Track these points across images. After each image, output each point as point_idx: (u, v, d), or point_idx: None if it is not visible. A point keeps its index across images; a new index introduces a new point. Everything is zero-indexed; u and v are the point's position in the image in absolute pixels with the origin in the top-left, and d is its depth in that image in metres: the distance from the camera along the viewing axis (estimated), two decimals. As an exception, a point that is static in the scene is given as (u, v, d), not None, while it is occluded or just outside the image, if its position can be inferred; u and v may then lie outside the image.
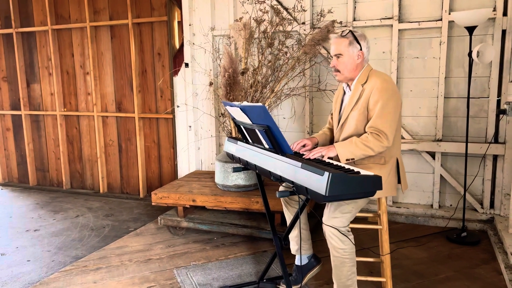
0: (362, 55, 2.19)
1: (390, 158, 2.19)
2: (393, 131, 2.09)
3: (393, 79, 3.55)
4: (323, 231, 2.10)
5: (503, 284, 2.55)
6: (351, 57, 2.18)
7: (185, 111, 4.21)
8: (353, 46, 2.18)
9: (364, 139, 2.08)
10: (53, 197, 4.77)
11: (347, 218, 2.08)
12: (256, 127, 2.05)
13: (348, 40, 2.18)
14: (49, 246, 3.35)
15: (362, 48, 2.19)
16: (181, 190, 3.42)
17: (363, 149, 2.07)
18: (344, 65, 2.20)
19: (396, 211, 3.68)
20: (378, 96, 2.09)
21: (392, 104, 2.09)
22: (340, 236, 2.03)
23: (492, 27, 3.27)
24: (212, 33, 4.04)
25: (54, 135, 5.11)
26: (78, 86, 4.88)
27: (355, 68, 2.20)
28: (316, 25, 3.70)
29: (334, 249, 2.06)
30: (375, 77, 2.15)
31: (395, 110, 2.11)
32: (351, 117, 2.20)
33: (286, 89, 3.74)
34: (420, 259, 2.93)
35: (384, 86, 2.10)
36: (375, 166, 2.16)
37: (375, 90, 2.10)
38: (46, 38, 4.92)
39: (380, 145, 2.07)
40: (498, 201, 3.43)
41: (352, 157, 2.08)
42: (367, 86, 2.15)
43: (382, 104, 2.08)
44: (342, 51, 2.19)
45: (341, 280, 2.12)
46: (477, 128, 3.44)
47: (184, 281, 2.66)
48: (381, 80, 2.12)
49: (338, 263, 2.09)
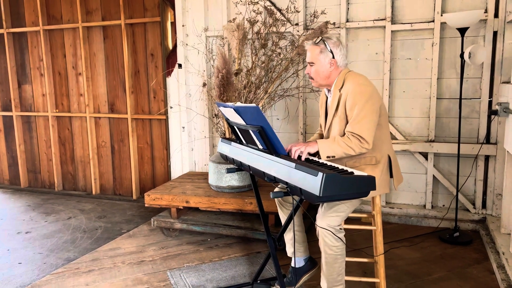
0: (335, 63, 2.20)
1: (382, 157, 2.21)
2: (371, 134, 2.09)
3: (385, 80, 3.58)
4: (316, 230, 2.11)
5: (495, 284, 2.57)
6: (322, 65, 2.20)
7: (178, 112, 4.20)
8: (325, 55, 2.19)
9: (346, 139, 2.10)
10: (45, 199, 4.73)
11: (342, 217, 2.10)
12: (250, 128, 2.04)
13: (319, 48, 2.19)
14: (41, 249, 3.31)
15: (335, 56, 2.19)
16: (175, 192, 3.41)
17: (345, 148, 2.08)
18: (317, 73, 2.23)
19: (389, 212, 3.70)
20: (352, 100, 2.10)
21: (368, 107, 2.09)
22: (334, 234, 2.05)
23: (484, 29, 3.30)
24: (206, 34, 4.03)
25: (46, 136, 5.07)
26: (70, 87, 4.84)
27: (328, 76, 2.22)
28: (310, 26, 3.71)
29: (327, 247, 2.07)
30: (350, 81, 2.16)
31: (372, 113, 2.10)
32: (334, 123, 2.22)
33: (280, 90, 3.74)
34: (413, 259, 2.94)
35: (357, 89, 2.11)
36: (367, 167, 2.18)
37: (350, 95, 2.11)
38: (37, 38, 4.88)
39: (361, 146, 2.08)
40: (490, 201, 3.46)
41: (333, 155, 2.09)
42: (343, 91, 2.16)
43: (358, 108, 2.09)
44: (314, 59, 2.22)
45: (332, 276, 2.13)
46: (469, 129, 3.47)
47: (178, 282, 2.65)
48: (355, 84, 2.13)
49: (331, 260, 2.10)
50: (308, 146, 2.09)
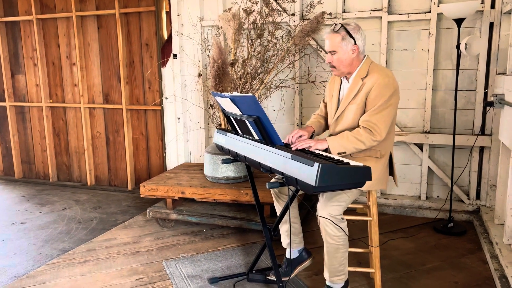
0: (357, 49, 2.14)
1: (386, 152, 2.21)
2: (387, 127, 2.09)
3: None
4: (317, 220, 2.11)
5: (488, 274, 2.60)
6: (345, 52, 2.14)
7: (173, 103, 4.17)
8: (347, 41, 2.13)
9: (356, 133, 2.08)
10: (40, 190, 4.71)
11: (343, 206, 2.10)
12: (246, 118, 2.03)
13: (340, 35, 2.12)
14: (36, 239, 3.30)
15: (357, 42, 2.13)
16: (170, 182, 3.40)
17: (355, 142, 2.07)
18: (340, 61, 2.16)
19: (384, 203, 3.71)
20: (379, 91, 2.07)
21: (392, 101, 2.09)
22: (335, 223, 2.05)
23: (480, 20, 3.30)
24: (201, 24, 4.00)
25: (40, 127, 5.03)
26: (64, 77, 4.80)
27: (350, 63, 2.16)
28: (306, 16, 3.69)
29: (329, 236, 2.08)
30: (377, 72, 2.12)
31: (393, 107, 2.10)
32: (349, 110, 2.18)
33: (276, 81, 3.73)
34: (407, 250, 2.96)
35: (385, 81, 2.08)
36: (371, 160, 2.17)
37: (377, 85, 2.08)
38: (30, 27, 4.82)
39: (372, 139, 2.07)
40: (484, 192, 3.48)
41: (344, 151, 2.08)
42: (368, 81, 2.12)
43: (382, 100, 2.07)
44: (336, 47, 2.14)
45: (334, 266, 2.13)
46: (464, 120, 3.48)
47: (173, 273, 2.65)
48: (383, 76, 2.10)
49: (332, 250, 2.10)
50: (317, 143, 2.07)
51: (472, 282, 2.51)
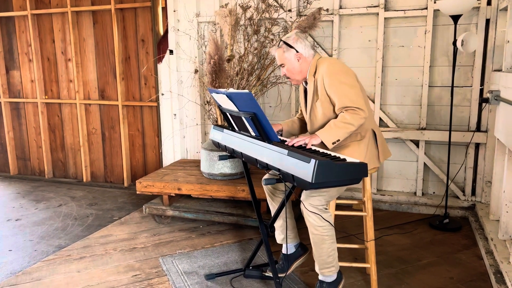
0: (300, 56, 2.25)
1: (366, 132, 2.21)
2: (361, 101, 2.11)
3: (378, 68, 3.57)
4: (300, 210, 2.12)
5: (483, 269, 2.61)
6: (291, 62, 2.26)
7: (169, 99, 4.16)
8: (289, 52, 2.25)
9: (341, 118, 2.10)
10: (35, 186, 4.69)
11: (325, 197, 2.09)
12: (243, 114, 2.03)
13: (282, 49, 2.26)
14: (32, 236, 3.29)
15: (298, 50, 2.25)
16: (166, 179, 3.39)
17: (344, 127, 2.08)
18: (290, 71, 2.29)
19: (380, 199, 3.73)
20: (328, 79, 2.14)
21: (345, 79, 2.13)
22: (316, 213, 2.05)
23: (477, 16, 3.30)
24: (197, 20, 3.98)
25: (35, 123, 5.00)
26: (60, 73, 4.77)
27: (300, 70, 2.27)
28: (303, 13, 3.68)
29: (312, 227, 2.09)
30: (322, 64, 2.20)
31: (352, 83, 2.14)
32: (316, 108, 2.24)
33: (272, 77, 3.72)
34: (403, 245, 2.98)
35: (331, 68, 2.15)
36: (353, 144, 2.19)
37: (325, 76, 2.15)
38: (25, 23, 4.78)
39: (359, 117, 2.08)
40: (480, 188, 3.50)
41: (338, 139, 2.09)
42: (318, 76, 2.20)
43: (337, 84, 2.12)
44: (282, 60, 2.28)
45: (321, 257, 2.14)
46: (460, 117, 3.49)
47: (170, 269, 2.65)
48: (327, 64, 2.17)
49: (317, 241, 2.11)
50: (311, 139, 2.09)
51: (467, 277, 2.53)
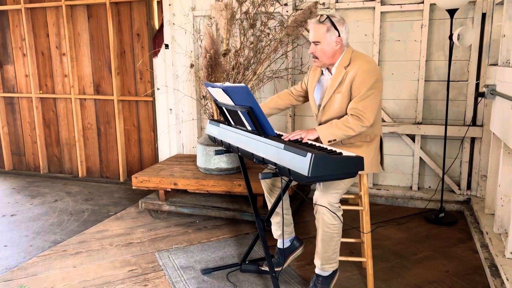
0: (340, 41, 2.16)
1: (375, 136, 2.24)
2: (374, 113, 2.11)
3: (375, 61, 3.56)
4: (313, 210, 2.12)
5: (478, 263, 2.63)
6: (329, 44, 2.15)
7: (165, 94, 4.14)
8: (331, 33, 2.14)
9: (344, 121, 2.10)
10: (30, 182, 4.66)
11: (340, 194, 2.12)
12: (239, 109, 2.02)
13: (325, 26, 2.13)
14: (27, 231, 3.28)
15: (341, 34, 2.15)
16: (162, 174, 3.38)
17: (344, 130, 2.08)
18: (322, 52, 2.17)
19: (376, 193, 3.73)
20: (362, 78, 2.09)
21: (376, 87, 2.11)
22: (332, 212, 2.06)
23: (473, 10, 3.30)
24: (193, 13, 3.95)
25: (30, 118, 4.97)
26: (54, 67, 4.73)
27: (333, 55, 2.18)
28: (299, 6, 3.66)
29: (325, 225, 2.09)
30: (359, 59, 2.15)
31: (378, 93, 2.13)
32: (335, 99, 2.19)
33: (269, 72, 3.71)
34: (399, 240, 2.99)
35: (367, 68, 2.11)
36: (363, 144, 2.21)
37: (360, 73, 2.10)
38: (19, 17, 4.73)
39: (361, 125, 2.09)
40: (475, 182, 3.51)
41: (334, 138, 2.09)
42: (351, 69, 2.14)
43: (366, 87, 2.09)
44: (320, 38, 2.15)
45: (327, 254, 2.15)
46: (456, 111, 3.49)
47: (166, 264, 2.65)
48: (364, 62, 2.13)
49: (327, 238, 2.12)
50: (308, 133, 2.08)
51: (463, 271, 2.54)
